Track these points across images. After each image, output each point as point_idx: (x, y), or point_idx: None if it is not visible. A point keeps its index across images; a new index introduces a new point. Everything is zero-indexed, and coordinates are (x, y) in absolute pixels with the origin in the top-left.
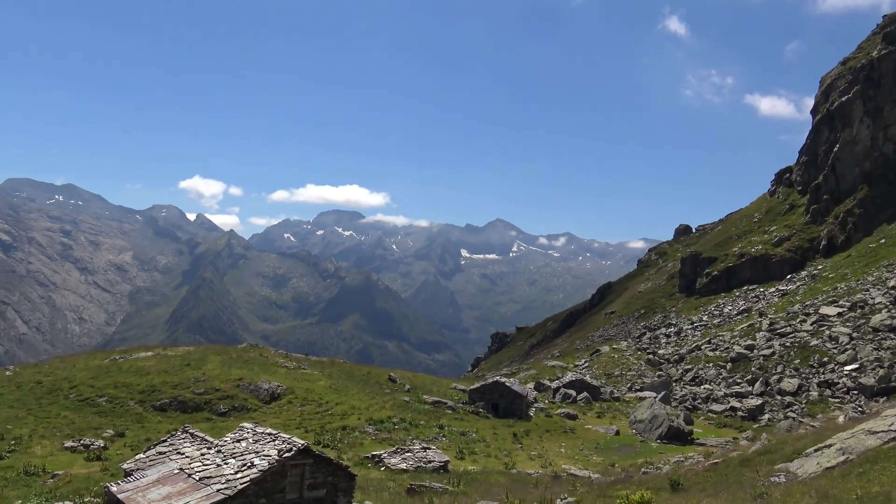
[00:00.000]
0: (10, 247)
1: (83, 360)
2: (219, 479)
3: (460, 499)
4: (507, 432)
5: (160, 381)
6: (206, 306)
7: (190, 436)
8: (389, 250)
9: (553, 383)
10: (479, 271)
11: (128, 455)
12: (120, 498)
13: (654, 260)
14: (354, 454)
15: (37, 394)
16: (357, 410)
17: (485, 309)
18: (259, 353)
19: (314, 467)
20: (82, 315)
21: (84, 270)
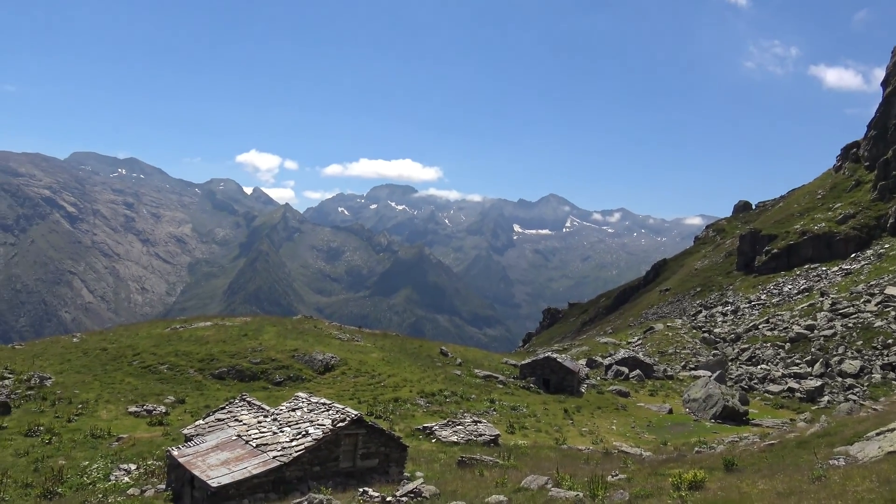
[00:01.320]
0: (77, 218)
1: (145, 328)
2: (275, 446)
3: (510, 472)
4: (557, 408)
5: (218, 351)
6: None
7: (247, 404)
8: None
9: (605, 360)
10: (532, 246)
11: (188, 421)
12: (181, 462)
13: (711, 237)
14: (406, 426)
15: (102, 360)
16: (409, 383)
17: (537, 284)
18: (313, 324)
19: (367, 437)
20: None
21: (146, 242)
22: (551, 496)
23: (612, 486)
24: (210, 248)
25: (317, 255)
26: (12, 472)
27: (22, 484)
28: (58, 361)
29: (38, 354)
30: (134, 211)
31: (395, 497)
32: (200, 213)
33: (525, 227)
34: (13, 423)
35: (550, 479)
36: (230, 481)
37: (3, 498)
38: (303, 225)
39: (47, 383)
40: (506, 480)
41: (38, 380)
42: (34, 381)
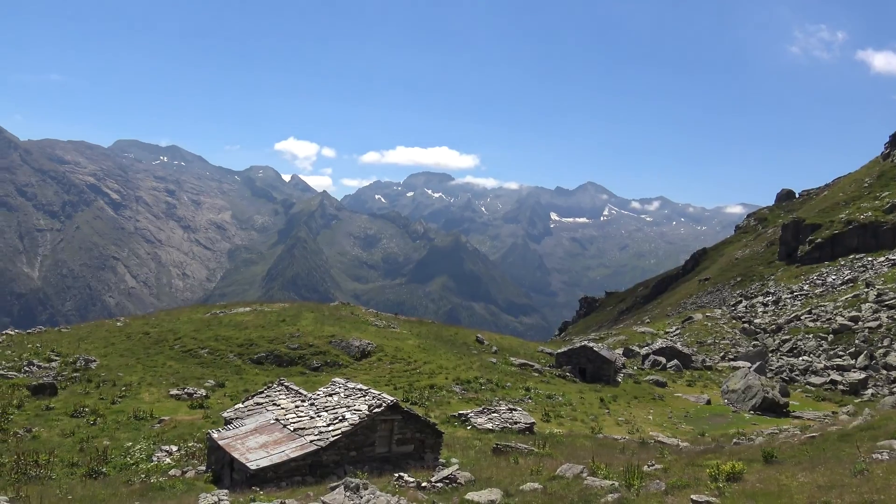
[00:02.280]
0: (120, 205)
1: (186, 313)
2: (312, 430)
3: (546, 460)
4: (593, 397)
5: (257, 336)
6: (299, 265)
7: (285, 388)
8: (478, 212)
9: (642, 350)
10: (569, 235)
11: (227, 404)
12: (220, 444)
13: (752, 226)
14: (441, 412)
15: (145, 344)
16: (444, 370)
17: (573, 273)
18: (350, 311)
19: (403, 423)
20: (185, 271)
21: (187, 228)
22: (587, 485)
23: (649, 476)
24: (249, 235)
25: (354, 242)
26: (59, 451)
27: (68, 463)
28: (102, 345)
29: (84, 338)
30: (175, 198)
31: (431, 483)
32: (240, 201)
33: (562, 216)
34: (60, 404)
35: (586, 467)
36: (268, 464)
37: (50, 476)
38: (340, 212)
39: (92, 366)
40: (541, 468)
41: (84, 362)
42: (80, 363)
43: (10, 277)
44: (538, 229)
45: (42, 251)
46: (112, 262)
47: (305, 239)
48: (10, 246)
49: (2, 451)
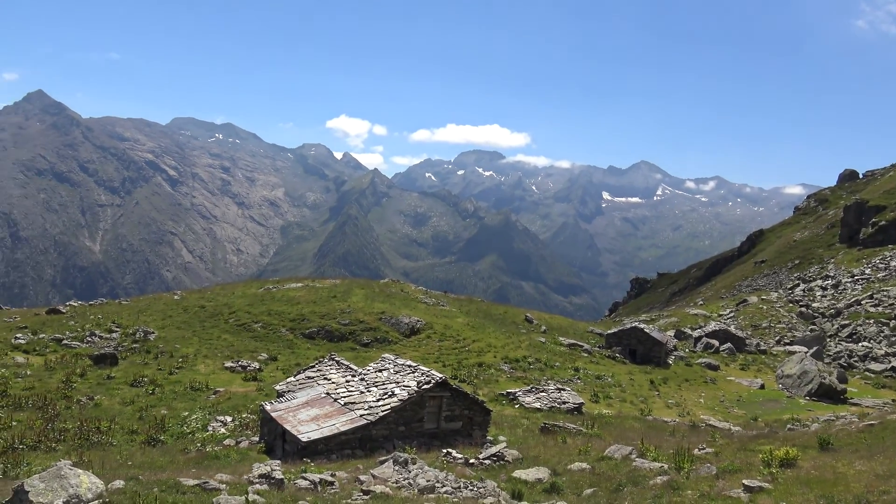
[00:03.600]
0: (177, 182)
1: (240, 288)
2: (362, 405)
3: (594, 441)
4: (643, 378)
5: (309, 311)
6: (350, 242)
7: (336, 363)
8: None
9: (694, 332)
10: (621, 214)
11: (280, 378)
12: (273, 416)
13: (812, 207)
14: (490, 390)
15: (200, 317)
16: (493, 348)
17: (625, 253)
18: (400, 288)
19: (451, 400)
20: (239, 246)
21: (241, 205)
22: (635, 466)
23: (699, 460)
24: (301, 212)
25: (404, 220)
26: (119, 419)
27: (128, 430)
28: (160, 317)
29: (143, 310)
30: (230, 175)
31: (479, 459)
32: (292, 178)
33: (614, 195)
34: (120, 373)
35: (635, 449)
36: (319, 437)
37: (111, 442)
38: (391, 190)
39: (151, 337)
40: (589, 449)
41: (143, 334)
42: (139, 335)
43: (74, 251)
44: (589, 209)
45: (103, 226)
46: (169, 237)
47: (356, 216)
48: (73, 220)
49: (66, 418)
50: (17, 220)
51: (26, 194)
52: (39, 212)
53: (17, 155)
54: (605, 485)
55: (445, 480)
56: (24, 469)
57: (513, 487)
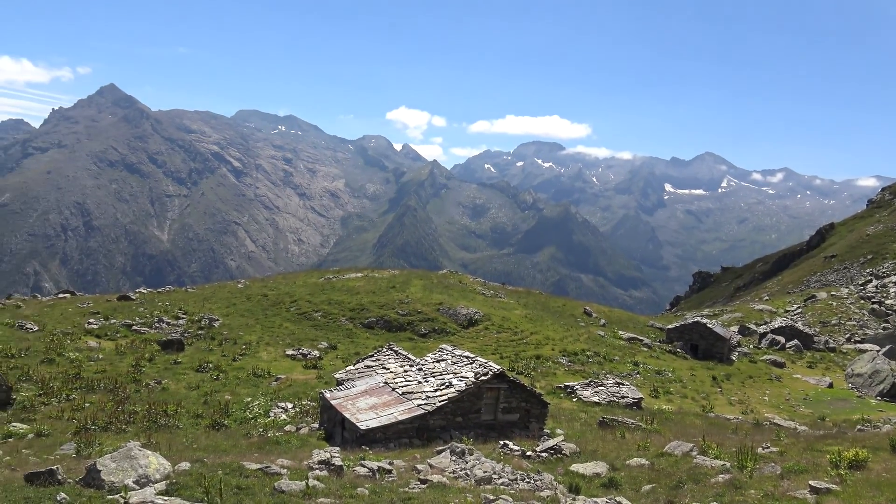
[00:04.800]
0: (241, 173)
1: (302, 277)
2: (419, 395)
3: (653, 436)
4: (705, 374)
5: (368, 301)
6: (409, 233)
7: (394, 353)
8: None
9: (759, 328)
10: (684, 207)
11: (339, 366)
12: (332, 404)
13: (887, 200)
14: (547, 383)
15: (263, 305)
16: (551, 341)
17: (687, 246)
18: (458, 279)
19: (509, 392)
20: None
21: (303, 196)
22: (696, 463)
23: (763, 459)
24: (361, 203)
25: (462, 211)
26: (185, 403)
27: (193, 414)
28: (224, 305)
29: (208, 298)
30: (292, 166)
31: (536, 452)
32: (353, 169)
33: (677, 187)
34: (186, 359)
35: (696, 446)
36: (377, 425)
37: (177, 425)
38: (449, 181)
39: (215, 324)
40: (648, 444)
41: (208, 321)
42: (204, 321)
43: (143, 240)
44: (651, 201)
45: (171, 216)
46: (233, 227)
47: (415, 207)
48: (142, 210)
49: (135, 401)
50: (91, 210)
51: (99, 185)
52: (111, 202)
53: (91, 147)
54: (664, 481)
55: (502, 472)
56: (96, 449)
57: (570, 481)
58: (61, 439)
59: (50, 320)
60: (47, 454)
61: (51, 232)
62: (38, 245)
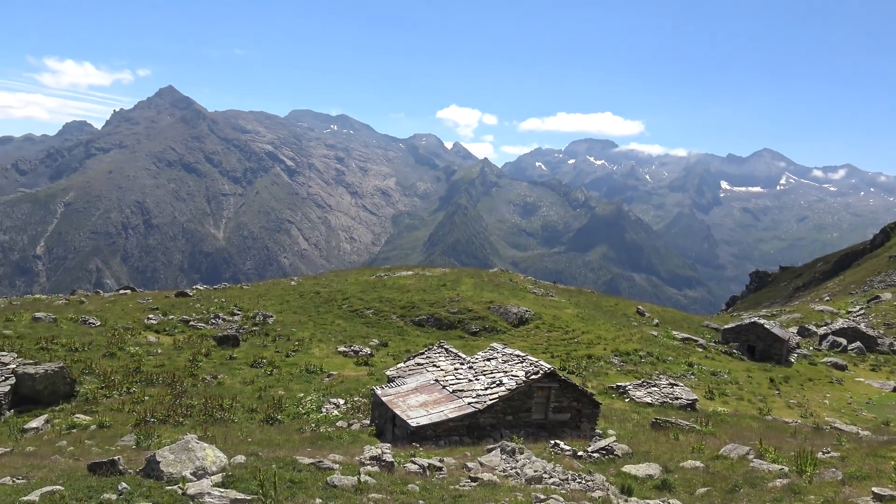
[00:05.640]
0: (294, 172)
1: (353, 275)
2: (470, 393)
3: (708, 439)
4: (762, 376)
5: (419, 299)
6: (460, 231)
7: (445, 351)
8: (642, 180)
9: (819, 329)
10: (740, 205)
11: (390, 363)
12: (383, 400)
13: None
14: (599, 383)
15: (315, 302)
16: (603, 340)
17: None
18: (509, 277)
19: (560, 391)
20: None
21: (354, 194)
22: (753, 467)
23: (823, 464)
24: (412, 201)
25: (513, 209)
26: (240, 397)
27: (248, 409)
28: (278, 302)
29: (262, 295)
30: (344, 165)
31: (587, 452)
32: (404, 168)
33: (733, 184)
34: (241, 354)
35: (752, 449)
36: (428, 422)
37: (232, 419)
38: (500, 179)
39: (269, 321)
40: (703, 447)
41: (262, 317)
42: (258, 318)
43: (200, 238)
44: (706, 198)
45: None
46: (287, 226)
47: (466, 206)
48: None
49: (192, 395)
50: (150, 209)
51: (158, 184)
52: (169, 200)
53: (150, 147)
54: (719, 485)
55: (553, 471)
56: (155, 441)
57: (622, 482)
58: (122, 431)
59: (111, 315)
60: (109, 445)
61: (112, 230)
62: (100, 243)
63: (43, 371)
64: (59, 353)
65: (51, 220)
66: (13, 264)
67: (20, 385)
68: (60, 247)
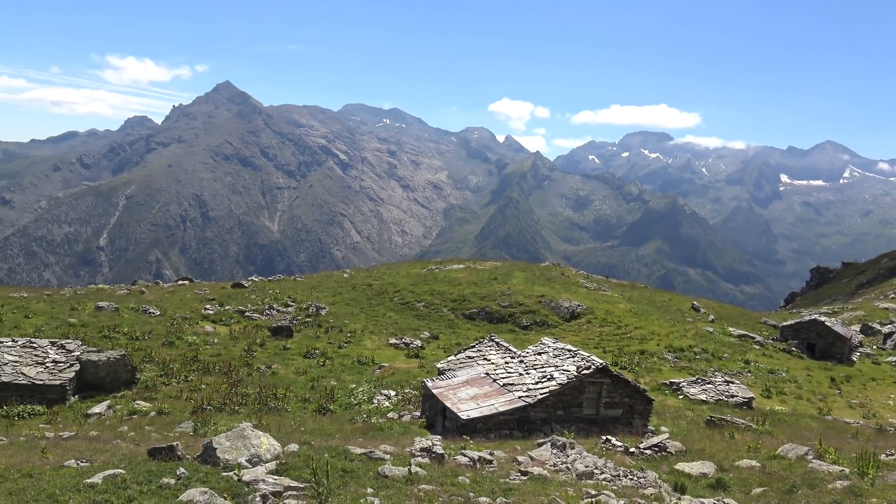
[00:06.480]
0: (347, 165)
1: (405, 268)
2: (520, 386)
3: (765, 438)
4: (822, 375)
5: (470, 292)
6: (511, 225)
7: (495, 344)
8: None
9: (884, 328)
10: (801, 199)
11: (440, 356)
12: (434, 392)
13: None
14: (652, 379)
15: (367, 295)
16: (656, 336)
17: (804, 240)
18: (560, 271)
19: (611, 387)
20: (404, 228)
21: (406, 188)
22: (812, 468)
23: (886, 466)
24: (463, 195)
25: (565, 203)
26: (294, 387)
27: (301, 398)
28: (330, 294)
29: (315, 286)
30: (396, 158)
31: (639, 449)
32: (455, 161)
33: (794, 178)
34: (295, 345)
35: (811, 449)
36: (478, 415)
37: (286, 408)
38: (552, 173)
39: (322, 312)
40: (759, 446)
41: (315, 309)
42: (311, 309)
43: (255, 230)
44: (765, 192)
45: (281, 207)
46: (339, 219)
47: (517, 199)
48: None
49: (247, 384)
50: (207, 202)
51: (215, 178)
52: (226, 194)
53: (208, 141)
54: (776, 485)
55: (604, 467)
56: (211, 428)
57: (675, 480)
58: (180, 417)
59: (170, 305)
60: (167, 431)
61: (171, 222)
62: (159, 234)
63: (105, 358)
64: (120, 342)
65: (113, 212)
66: (78, 255)
67: (84, 372)
68: (122, 238)
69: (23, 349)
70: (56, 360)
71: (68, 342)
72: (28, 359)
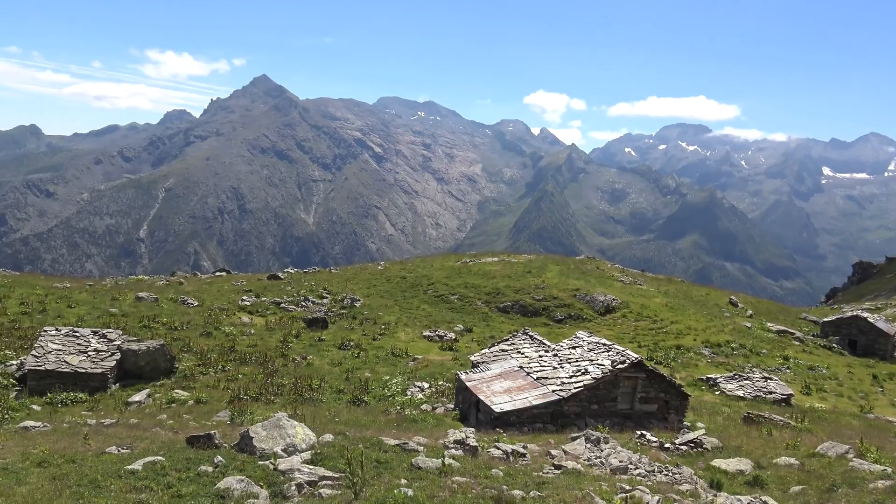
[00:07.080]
0: (382, 158)
1: (439, 261)
2: (554, 380)
3: (804, 436)
4: (864, 373)
5: (504, 285)
6: (546, 218)
7: (529, 338)
8: (737, 166)
9: None
10: (844, 192)
11: (474, 349)
12: (468, 385)
13: None
14: (688, 375)
15: (401, 287)
16: (693, 331)
17: (847, 235)
18: (595, 265)
19: (647, 382)
20: (438, 221)
21: (440, 180)
22: (852, 466)
23: None
24: (498, 188)
25: (601, 196)
26: (328, 378)
27: (336, 389)
28: (365, 286)
29: (350, 279)
30: (430, 151)
31: (675, 444)
32: (490, 154)
33: (836, 171)
34: (329, 336)
35: (852, 448)
36: (511, 409)
37: (321, 399)
38: (588, 166)
39: (356, 304)
40: (798, 444)
41: (350, 301)
42: (346, 301)
43: (291, 223)
44: (807, 185)
45: (316, 199)
46: (374, 211)
47: (552, 192)
48: (290, 194)
49: (283, 374)
50: (244, 194)
51: (252, 170)
52: (262, 186)
53: (245, 134)
54: (815, 483)
55: (639, 462)
56: (248, 417)
57: (711, 476)
58: (217, 407)
59: (208, 296)
60: (205, 420)
61: (209, 214)
62: (197, 226)
63: (145, 348)
64: (160, 332)
65: (153, 204)
66: (118, 246)
67: (124, 360)
68: (161, 230)
69: (66, 338)
70: (98, 349)
71: (109, 331)
72: (71, 347)
